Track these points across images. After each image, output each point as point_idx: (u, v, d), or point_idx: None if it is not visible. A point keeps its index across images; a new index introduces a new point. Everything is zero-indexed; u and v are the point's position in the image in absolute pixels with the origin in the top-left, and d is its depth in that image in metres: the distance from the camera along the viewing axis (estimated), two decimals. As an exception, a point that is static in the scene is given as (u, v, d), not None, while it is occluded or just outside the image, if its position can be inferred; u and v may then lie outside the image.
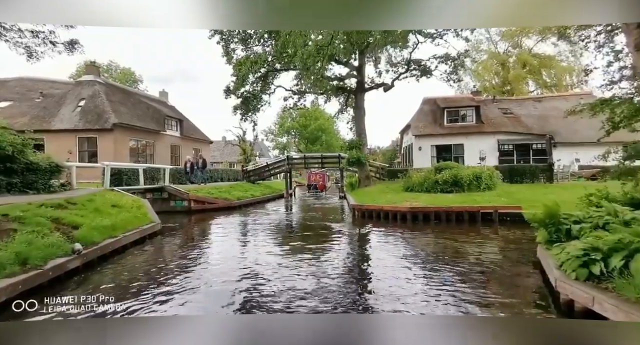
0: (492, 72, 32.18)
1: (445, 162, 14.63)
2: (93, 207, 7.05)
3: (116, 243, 6.15)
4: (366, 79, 18.56)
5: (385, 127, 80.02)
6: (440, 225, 9.52)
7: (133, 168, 12.55)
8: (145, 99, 22.55)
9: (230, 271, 5.23)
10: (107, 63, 39.93)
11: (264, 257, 6.17)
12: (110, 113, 17.04)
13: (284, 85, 17.81)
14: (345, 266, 5.59)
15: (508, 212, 9.45)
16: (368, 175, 18.16)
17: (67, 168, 9.21)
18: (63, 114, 17.25)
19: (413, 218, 10.02)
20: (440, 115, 20.03)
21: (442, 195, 11.88)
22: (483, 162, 18.32)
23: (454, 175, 12.71)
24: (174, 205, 12.89)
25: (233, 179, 22.61)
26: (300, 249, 6.82)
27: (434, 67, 15.55)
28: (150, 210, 8.81)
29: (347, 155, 19.26)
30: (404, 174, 15.12)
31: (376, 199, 12.24)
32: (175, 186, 13.54)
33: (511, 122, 19.07)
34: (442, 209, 9.83)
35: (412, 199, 11.48)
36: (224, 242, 7.92)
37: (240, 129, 32.84)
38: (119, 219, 7.01)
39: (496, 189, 12.60)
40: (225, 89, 15.72)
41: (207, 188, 14.98)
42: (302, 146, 47.98)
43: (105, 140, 16.91)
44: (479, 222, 9.45)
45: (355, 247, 7.31)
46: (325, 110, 47.94)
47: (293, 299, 4.05)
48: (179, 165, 20.95)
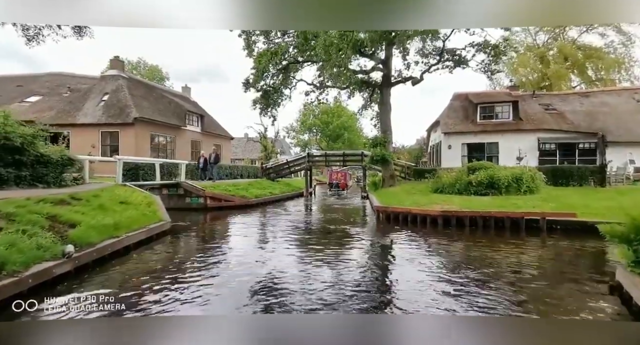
0: (530, 67, 29.90)
1: (479, 161, 13.37)
2: (97, 203, 6.60)
3: (117, 244, 5.62)
4: (393, 72, 17.49)
5: (411, 125, 77.65)
6: (477, 232, 8.43)
7: (149, 163, 12.24)
8: (168, 93, 22.56)
9: (238, 293, 4.21)
10: (137, 60, 40.96)
11: (278, 269, 5.34)
12: (132, 107, 16.99)
13: (306, 79, 16.94)
14: (369, 290, 4.49)
15: (558, 220, 8.21)
16: (393, 174, 17.11)
17: (79, 162, 8.91)
18: (87, 108, 17.40)
19: (445, 223, 8.98)
20: (473, 112, 18.57)
21: (477, 198, 10.72)
22: (521, 163, 16.82)
23: (490, 176, 11.49)
24: (189, 202, 12.50)
25: (253, 176, 22.23)
26: (316, 261, 5.91)
27: (470, 57, 14.20)
28: (161, 207, 8.33)
29: (370, 153, 18.31)
30: (432, 174, 13.98)
31: (402, 201, 11.25)
32: (192, 182, 13.16)
33: (554, 119, 17.33)
34: (479, 214, 8.73)
35: (443, 202, 10.41)
36: (233, 250, 6.85)
37: (261, 125, 32.68)
38: (124, 216, 6.52)
39: (539, 193, 11.26)
40: (245, 81, 15.14)
41: (224, 185, 14.53)
42: (323, 144, 47.22)
43: (126, 134, 16.89)
44: (523, 230, 8.28)
45: (379, 260, 6.20)
46: (348, 108, 47.09)
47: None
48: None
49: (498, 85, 33.55)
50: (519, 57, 30.27)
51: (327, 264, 5.58)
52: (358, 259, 6.02)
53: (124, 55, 24.97)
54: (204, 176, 15.50)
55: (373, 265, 5.69)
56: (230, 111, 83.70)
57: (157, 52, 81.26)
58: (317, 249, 6.73)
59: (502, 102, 18.12)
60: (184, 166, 12.90)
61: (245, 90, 15.21)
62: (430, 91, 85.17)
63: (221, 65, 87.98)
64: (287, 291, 4.25)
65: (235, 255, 6.27)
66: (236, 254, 6.34)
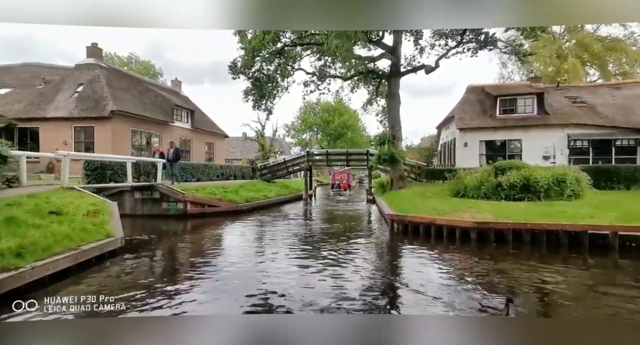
0: (546, 61, 27.90)
1: (508, 160, 11.47)
2: (5, 216, 4.66)
3: (12, 280, 3.70)
4: (402, 60, 15.59)
5: (416, 122, 75.03)
6: (523, 250, 6.50)
7: (120, 161, 10.31)
8: (155, 87, 20.64)
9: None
10: (127, 56, 39.14)
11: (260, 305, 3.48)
12: (108, 99, 15.08)
13: (305, 69, 15.00)
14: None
15: (632, 235, 6.26)
16: (402, 175, 15.17)
17: (14, 158, 6.98)
18: (59, 101, 15.50)
19: (479, 237, 7.05)
20: (492, 105, 16.62)
21: (511, 204, 8.79)
22: (549, 162, 14.92)
23: (525, 177, 9.55)
24: (166, 208, 10.57)
25: (249, 177, 20.34)
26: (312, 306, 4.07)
27: (497, 37, 12.20)
28: (113, 217, 6.40)
29: (377, 152, 16.40)
30: (451, 175, 12.04)
31: (418, 207, 9.31)
32: (171, 184, 11.24)
33: (585, 113, 15.36)
34: (527, 227, 6.78)
35: (471, 209, 8.48)
36: (193, 292, 4.21)
37: (258, 123, 30.80)
38: (45, 234, 4.61)
39: (584, 198, 9.33)
40: (231, 64, 13.02)
41: (210, 187, 12.61)
42: (324, 143, 45.28)
43: (102, 130, 14.98)
44: (586, 248, 6.34)
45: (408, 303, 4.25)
46: (350, 107, 45.23)
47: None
48: (189, 161, 18.90)
49: (509, 79, 31.73)
50: (533, 48, 28.42)
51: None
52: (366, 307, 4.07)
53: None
54: (163, 176, 11.50)
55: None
56: (231, 110, 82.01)
57: (157, 52, 79.57)
58: (321, 280, 4.79)
59: (526, 95, 16.16)
60: (161, 165, 10.96)
61: (233, 76, 13.16)
62: (438, 84, 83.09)
63: (224, 66, 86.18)
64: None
65: (198, 299, 4.23)
66: (199, 298, 4.26)
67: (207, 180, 16.55)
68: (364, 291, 4.32)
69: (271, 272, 5.18)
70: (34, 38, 61.83)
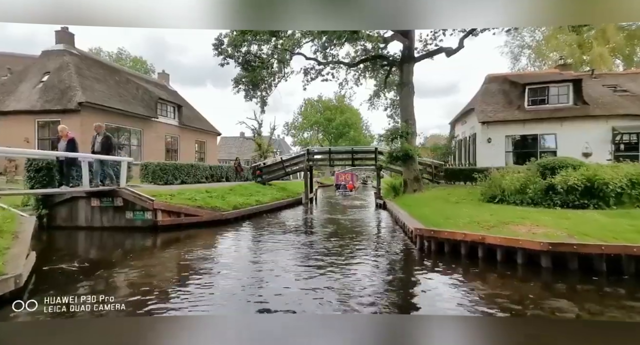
0: (565, 51, 25.83)
1: (559, 157, 9.37)
2: None
3: None
4: (417, 43, 13.56)
5: (421, 117, 72.82)
6: (629, 285, 4.39)
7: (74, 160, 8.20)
8: (137, 79, 18.57)
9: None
10: (117, 51, 37.17)
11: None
12: (77, 89, 13.02)
13: (304, 54, 12.91)
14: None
15: None
16: (418, 176, 13.09)
17: None
18: (21, 92, 13.46)
19: (555, 264, 4.94)
20: (519, 96, 14.52)
21: (577, 214, 6.70)
22: (588, 159, 12.84)
23: (588, 178, 7.47)
24: (132, 218, 8.47)
25: (244, 179, 18.29)
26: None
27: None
28: (19, 243, 4.30)
29: (388, 149, 14.34)
30: (484, 176, 9.92)
31: (449, 216, 7.23)
32: (138, 189, 9.16)
33: (632, 103, 13.24)
34: (634, 252, 4.64)
35: (524, 220, 6.38)
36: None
37: (255, 120, 28.75)
38: None
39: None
40: (216, 42, 10.87)
41: (190, 191, 10.51)
42: (326, 143, 43.18)
43: (69, 125, 12.80)
44: None
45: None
46: (352, 105, 43.22)
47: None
48: (176, 161, 16.84)
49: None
50: (548, 37, 26.48)
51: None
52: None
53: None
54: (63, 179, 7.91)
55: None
56: (232, 111, 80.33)
57: (158, 53, 77.83)
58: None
59: (559, 82, 14.04)
60: (126, 165, 8.85)
61: (217, 54, 10.99)
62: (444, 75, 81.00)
63: (225, 68, 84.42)
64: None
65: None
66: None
67: (195, 182, 14.50)
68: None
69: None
70: (34, 38, 60.16)
